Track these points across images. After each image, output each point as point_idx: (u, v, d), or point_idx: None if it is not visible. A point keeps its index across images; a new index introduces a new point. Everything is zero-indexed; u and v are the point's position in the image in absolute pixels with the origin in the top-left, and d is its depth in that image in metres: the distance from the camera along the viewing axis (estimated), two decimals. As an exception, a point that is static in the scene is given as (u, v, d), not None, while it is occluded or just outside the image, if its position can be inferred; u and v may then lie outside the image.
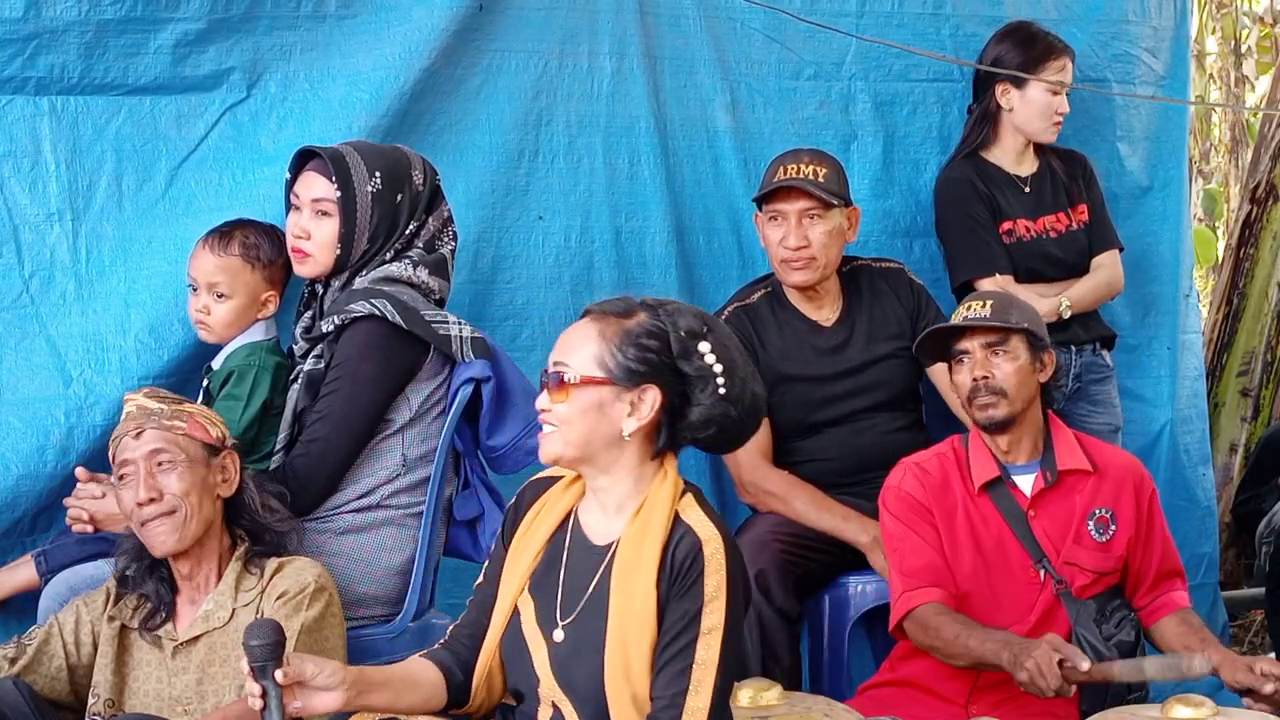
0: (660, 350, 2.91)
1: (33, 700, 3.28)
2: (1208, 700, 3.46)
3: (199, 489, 3.33)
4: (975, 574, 3.85)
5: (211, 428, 3.41)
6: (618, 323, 2.92)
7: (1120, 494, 3.90)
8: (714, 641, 2.82)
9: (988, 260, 4.68)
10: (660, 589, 2.86)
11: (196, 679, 3.31)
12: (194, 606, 3.37)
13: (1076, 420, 4.73)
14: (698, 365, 2.91)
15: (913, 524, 3.87)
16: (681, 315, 2.95)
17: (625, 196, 4.56)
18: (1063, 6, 5.02)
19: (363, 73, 4.17)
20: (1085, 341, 4.78)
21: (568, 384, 2.89)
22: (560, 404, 2.89)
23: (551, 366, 2.93)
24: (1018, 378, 3.84)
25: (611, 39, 4.52)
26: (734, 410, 2.94)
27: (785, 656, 4.16)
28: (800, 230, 4.32)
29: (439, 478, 3.71)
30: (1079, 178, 4.87)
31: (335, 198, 3.69)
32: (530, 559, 3.02)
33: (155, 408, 3.37)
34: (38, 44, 3.90)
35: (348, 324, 3.63)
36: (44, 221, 3.94)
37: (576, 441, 2.90)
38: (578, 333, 2.95)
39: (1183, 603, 3.95)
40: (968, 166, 4.78)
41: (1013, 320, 3.85)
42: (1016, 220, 4.76)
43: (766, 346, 4.42)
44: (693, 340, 2.92)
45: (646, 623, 2.85)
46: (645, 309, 2.95)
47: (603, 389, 2.89)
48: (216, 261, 3.77)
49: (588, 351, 2.91)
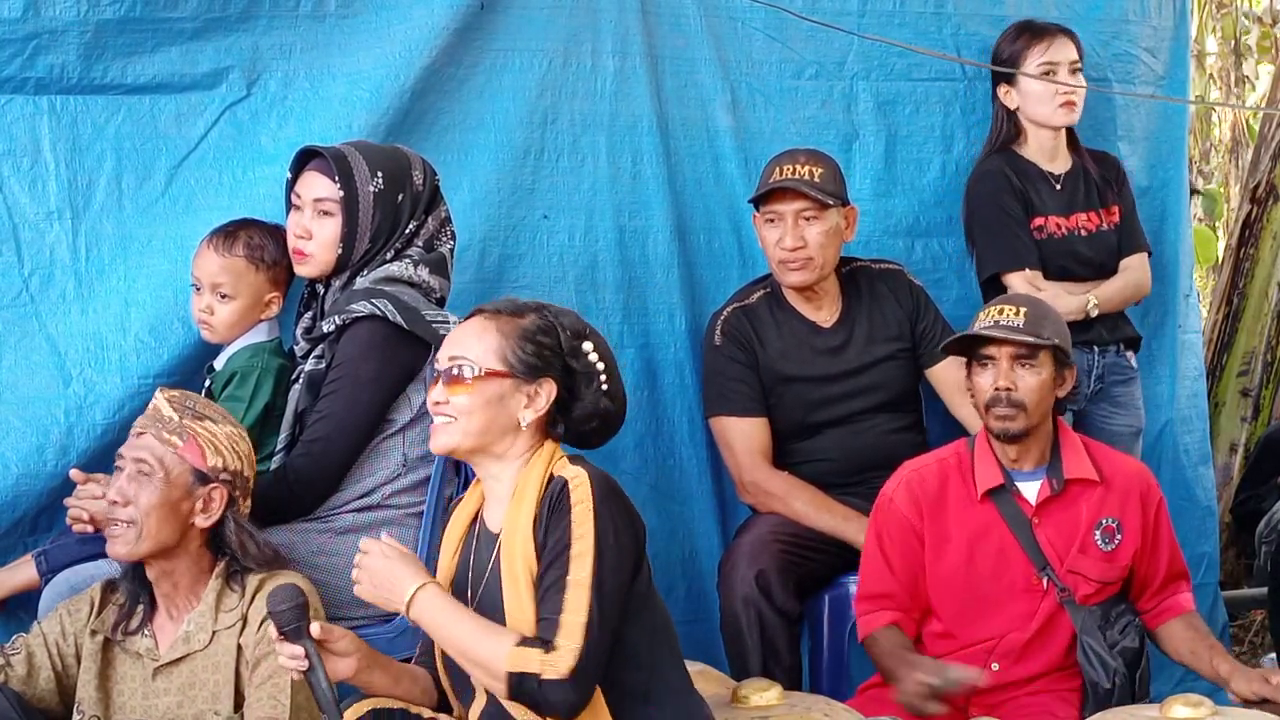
0: (553, 347, 3.11)
1: (20, 708, 3.26)
2: (1206, 700, 3.47)
3: (163, 511, 3.26)
4: (975, 581, 3.85)
5: (211, 455, 3.32)
6: (512, 321, 3.11)
7: (1127, 504, 3.88)
8: (585, 563, 2.94)
9: (1017, 255, 4.65)
10: (537, 540, 3.00)
11: (177, 701, 3.29)
12: (174, 624, 3.34)
13: (1098, 421, 4.74)
14: (584, 363, 3.13)
15: (886, 544, 3.89)
16: (565, 316, 3.16)
17: (628, 196, 4.56)
18: (1063, 6, 5.01)
19: (363, 71, 4.16)
20: (1109, 342, 4.76)
21: (470, 378, 3.05)
22: (460, 396, 3.05)
23: (448, 361, 3.08)
24: (1039, 393, 3.82)
25: (614, 38, 4.52)
26: (613, 405, 3.18)
27: (785, 656, 4.16)
28: (797, 231, 4.32)
29: (439, 478, 3.71)
30: (1112, 179, 4.86)
31: (338, 197, 3.68)
32: (450, 565, 3.18)
33: (167, 415, 3.33)
34: (37, 44, 3.90)
35: (349, 324, 3.63)
36: (44, 221, 3.94)
37: (475, 431, 3.06)
38: (473, 329, 3.11)
39: (1188, 605, 3.95)
40: (1001, 160, 4.76)
41: (1045, 335, 3.81)
42: (1048, 217, 4.74)
43: (765, 347, 4.42)
44: (578, 340, 3.14)
45: (532, 575, 2.99)
46: (533, 310, 3.14)
47: (504, 381, 3.07)
48: (221, 262, 3.76)
49: (487, 346, 3.08)
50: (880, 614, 3.87)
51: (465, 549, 3.17)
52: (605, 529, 2.97)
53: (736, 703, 3.60)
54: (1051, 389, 3.85)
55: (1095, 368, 4.73)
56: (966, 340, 3.91)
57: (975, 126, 4.94)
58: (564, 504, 2.98)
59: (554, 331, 3.11)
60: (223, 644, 3.28)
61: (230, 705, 3.26)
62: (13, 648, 3.38)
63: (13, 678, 3.32)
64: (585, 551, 2.95)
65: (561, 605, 2.92)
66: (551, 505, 3.00)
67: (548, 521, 2.99)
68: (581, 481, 3.01)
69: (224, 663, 3.28)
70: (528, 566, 2.99)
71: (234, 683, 3.27)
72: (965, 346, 3.93)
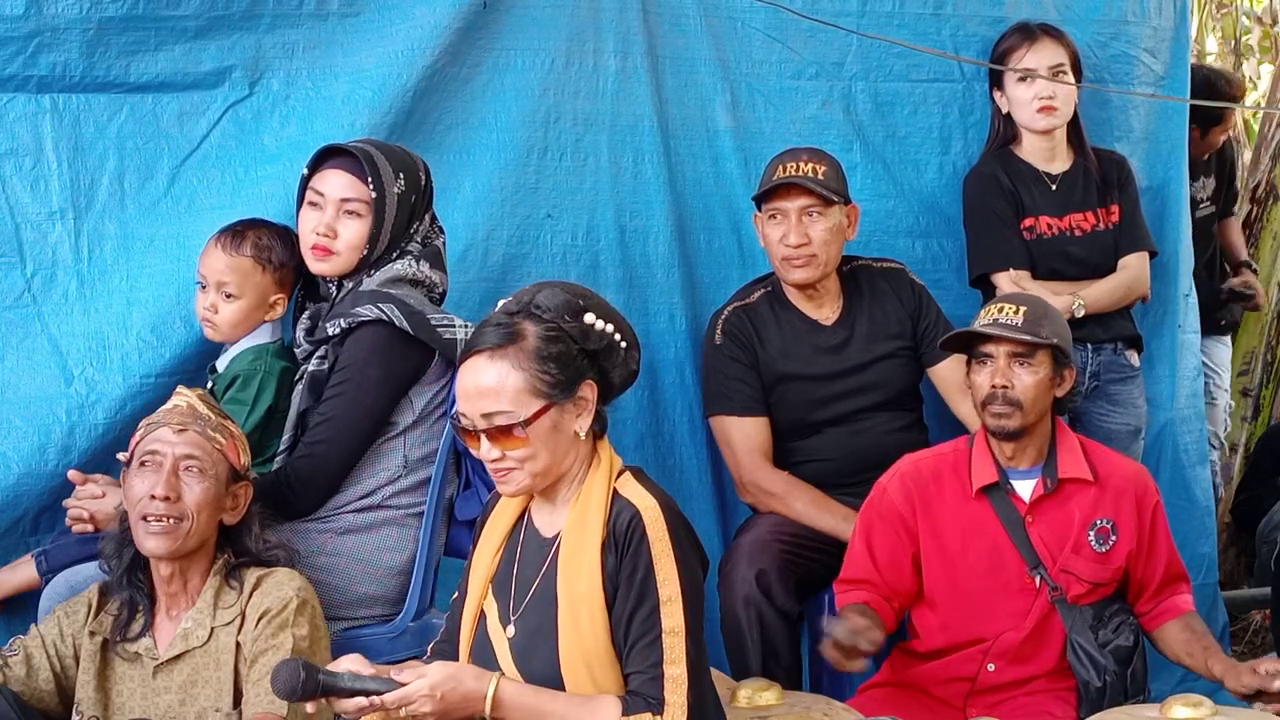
0: (569, 346, 2.93)
1: (19, 709, 3.26)
2: (1206, 700, 3.47)
3: (211, 508, 3.29)
4: (968, 577, 3.86)
5: (243, 454, 3.38)
6: (517, 349, 2.91)
7: (1121, 504, 3.89)
8: (676, 609, 2.86)
9: (1004, 255, 4.68)
10: (606, 567, 2.90)
11: (179, 699, 3.29)
12: (173, 622, 3.34)
13: (1095, 419, 4.74)
14: (598, 336, 2.96)
15: (873, 533, 3.92)
16: (553, 299, 2.95)
17: (630, 195, 4.56)
18: (1063, 6, 5.02)
19: (366, 70, 4.17)
20: (1103, 340, 4.77)
21: (519, 433, 2.89)
22: (516, 450, 2.90)
23: (481, 420, 2.90)
24: (1036, 391, 3.83)
25: (615, 37, 4.52)
26: (636, 353, 3.04)
27: (785, 656, 4.16)
28: (801, 227, 4.32)
29: (440, 478, 3.71)
30: (1115, 178, 4.87)
31: (369, 199, 3.67)
32: (490, 562, 3.07)
33: (205, 414, 3.34)
34: (39, 42, 3.90)
35: (354, 327, 3.63)
36: (46, 220, 3.94)
37: (543, 470, 2.94)
38: (489, 376, 2.90)
39: (1187, 607, 3.96)
40: (995, 162, 4.79)
41: (1043, 334, 3.83)
42: (1039, 217, 4.76)
43: (766, 345, 4.42)
44: (578, 318, 2.94)
45: (596, 603, 2.90)
46: (524, 319, 2.93)
47: (549, 413, 2.91)
48: (227, 261, 3.75)
49: (516, 388, 2.89)
50: (854, 593, 3.89)
51: (510, 549, 3.06)
52: (689, 570, 2.89)
53: (736, 702, 3.61)
54: (1049, 388, 3.86)
55: (1090, 365, 4.74)
56: (966, 338, 3.93)
57: (974, 127, 4.95)
58: (638, 536, 2.87)
59: (559, 331, 2.93)
60: (221, 641, 3.28)
61: (230, 702, 3.26)
62: (10, 650, 3.37)
63: (12, 679, 3.32)
64: (674, 596, 2.85)
65: (662, 656, 2.84)
66: (624, 534, 2.89)
67: (620, 550, 2.88)
68: (655, 516, 2.89)
69: (224, 660, 3.28)
70: (592, 588, 2.89)
71: (234, 680, 3.28)
72: (965, 344, 3.94)
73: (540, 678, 2.92)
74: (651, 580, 2.86)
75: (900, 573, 3.90)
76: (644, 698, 2.85)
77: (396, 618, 3.70)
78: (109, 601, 3.38)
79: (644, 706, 2.84)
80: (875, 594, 3.88)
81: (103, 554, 3.39)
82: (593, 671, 2.90)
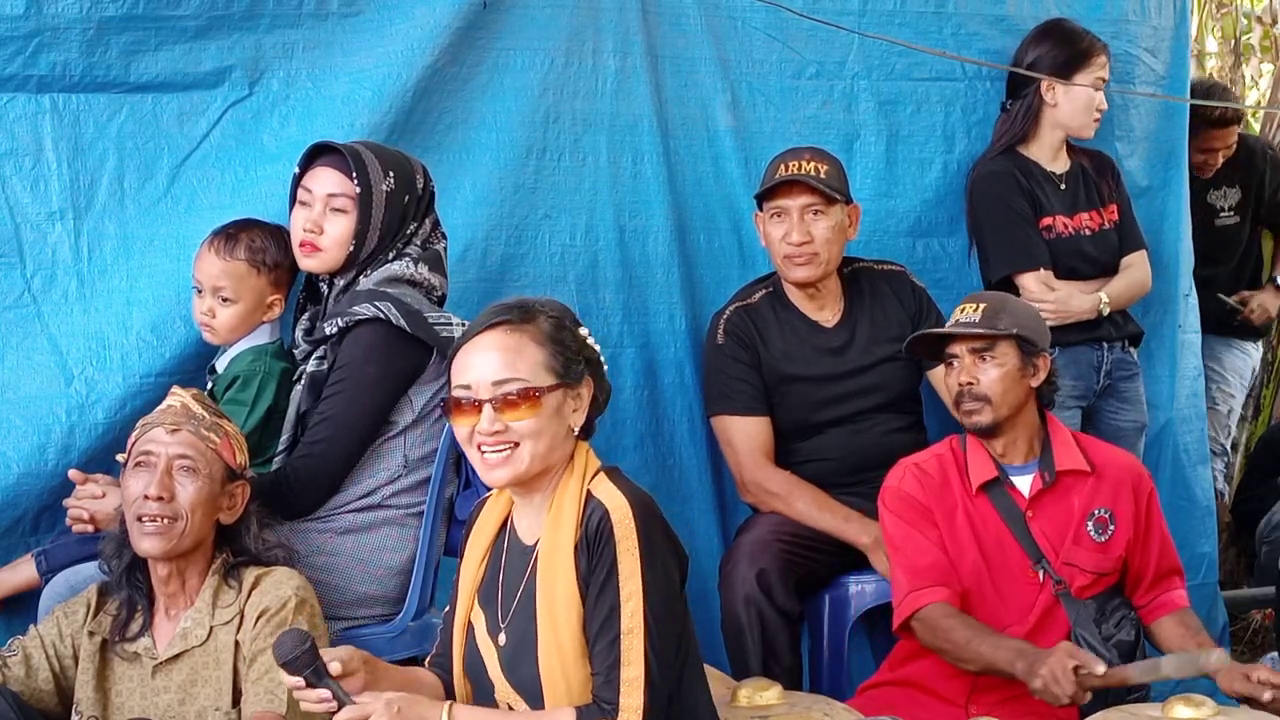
0: (574, 342, 2.95)
1: (18, 709, 3.25)
2: (1208, 700, 3.46)
3: (206, 507, 3.29)
4: (975, 574, 3.86)
5: (239, 454, 3.37)
6: (534, 327, 2.91)
7: (1119, 494, 3.90)
8: (635, 610, 2.81)
9: (1030, 255, 4.68)
10: (580, 570, 2.86)
11: (179, 699, 3.28)
12: (172, 622, 3.33)
13: (1106, 417, 4.76)
14: (589, 350, 2.98)
15: (915, 523, 3.87)
16: (554, 308, 2.98)
17: (629, 195, 4.56)
18: (1063, 6, 5.02)
19: (365, 70, 4.17)
20: (1116, 339, 4.78)
21: (534, 397, 2.85)
22: (524, 420, 2.85)
23: (490, 388, 2.86)
24: (1003, 384, 3.84)
25: (615, 37, 4.52)
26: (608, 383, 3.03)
27: (785, 656, 4.16)
28: (803, 226, 4.32)
29: (440, 478, 3.71)
30: (1108, 177, 4.88)
31: (354, 194, 3.69)
32: (475, 573, 3.05)
33: (199, 413, 3.34)
34: (39, 41, 3.90)
35: (351, 326, 3.63)
36: (46, 220, 3.94)
37: (542, 453, 2.89)
38: (507, 344, 2.89)
39: (1181, 602, 3.96)
40: (1006, 161, 4.78)
41: (1000, 326, 3.83)
42: (1055, 216, 4.76)
43: (768, 346, 4.42)
44: (578, 327, 2.98)
45: (573, 607, 2.86)
46: (536, 310, 2.94)
47: (558, 392, 2.90)
48: (221, 265, 3.75)
49: (533, 360, 2.88)
50: (933, 589, 3.76)
51: (494, 558, 3.04)
52: (655, 569, 2.83)
53: (736, 702, 3.60)
54: (1018, 379, 3.86)
55: (1104, 364, 4.75)
56: (928, 341, 3.94)
57: (976, 126, 4.95)
58: (606, 536, 2.83)
59: (564, 326, 2.95)
60: (220, 640, 3.28)
61: (229, 701, 3.26)
62: (9, 650, 3.37)
63: (11, 679, 3.32)
64: (635, 594, 2.80)
65: (618, 658, 2.80)
66: (594, 535, 2.84)
67: (591, 552, 2.84)
68: (624, 515, 2.84)
69: (223, 659, 3.28)
70: (568, 591, 2.86)
71: (233, 679, 3.28)
72: (938, 352, 3.96)
73: (529, 685, 2.91)
74: (613, 581, 2.82)
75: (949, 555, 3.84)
76: (600, 703, 2.81)
77: (396, 617, 3.70)
78: (108, 601, 3.38)
79: (597, 713, 2.80)
80: (948, 586, 3.79)
81: (102, 554, 3.38)
82: (569, 678, 2.86)
